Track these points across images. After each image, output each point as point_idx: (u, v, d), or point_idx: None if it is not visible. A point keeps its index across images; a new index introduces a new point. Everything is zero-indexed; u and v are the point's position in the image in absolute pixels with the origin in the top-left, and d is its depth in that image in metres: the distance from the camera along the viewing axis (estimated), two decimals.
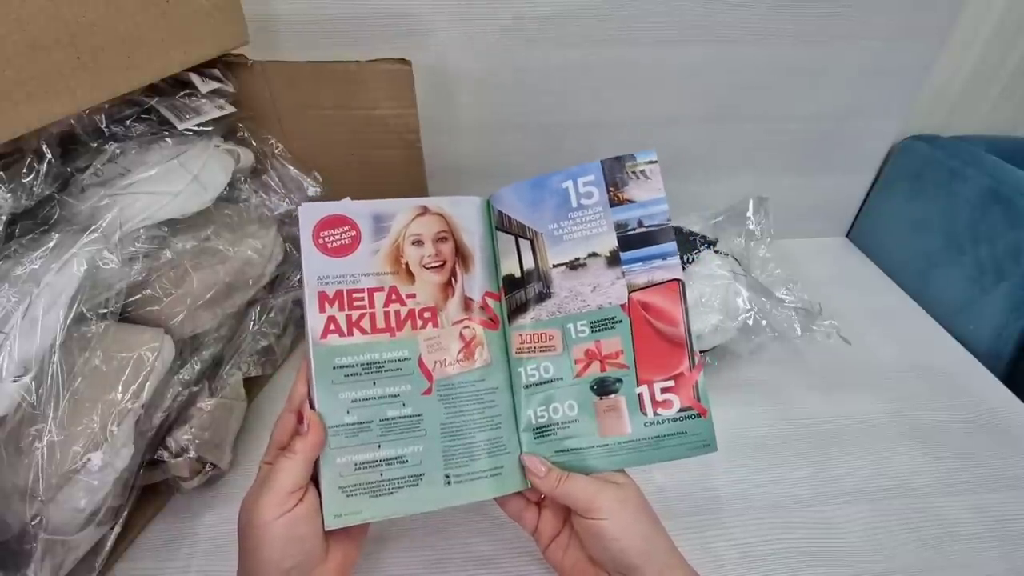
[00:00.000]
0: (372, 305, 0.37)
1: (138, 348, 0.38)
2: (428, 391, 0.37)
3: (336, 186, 0.57)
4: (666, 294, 0.37)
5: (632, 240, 0.37)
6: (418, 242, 0.39)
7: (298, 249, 0.37)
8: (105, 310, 0.38)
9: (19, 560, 0.34)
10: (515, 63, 0.64)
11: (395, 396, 0.36)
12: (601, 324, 0.37)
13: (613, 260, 0.37)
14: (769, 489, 0.49)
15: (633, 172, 0.38)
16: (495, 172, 0.72)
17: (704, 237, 0.64)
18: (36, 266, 0.34)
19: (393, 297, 0.38)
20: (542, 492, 0.36)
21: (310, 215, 0.37)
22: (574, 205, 0.38)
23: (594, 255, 0.38)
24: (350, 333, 0.36)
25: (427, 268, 0.39)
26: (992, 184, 0.66)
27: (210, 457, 0.44)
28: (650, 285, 0.37)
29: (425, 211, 0.39)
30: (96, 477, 0.35)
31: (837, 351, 0.61)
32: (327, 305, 0.36)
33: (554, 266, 0.38)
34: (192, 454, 0.43)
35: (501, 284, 0.40)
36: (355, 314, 0.37)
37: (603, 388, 0.37)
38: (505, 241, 0.40)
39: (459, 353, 0.38)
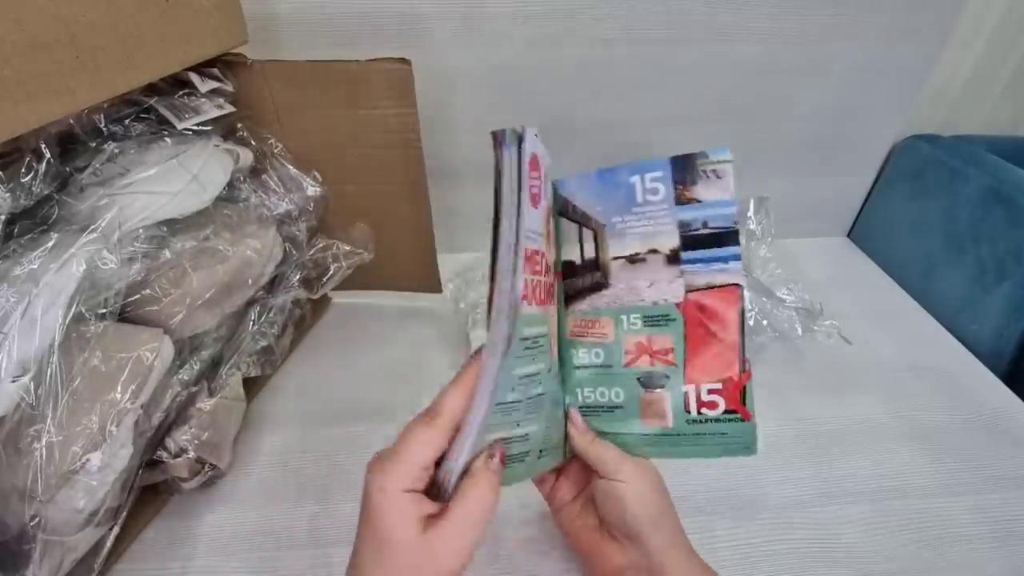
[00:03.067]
0: (540, 271, 0.32)
1: (137, 348, 0.38)
2: (549, 369, 0.35)
3: (336, 186, 0.57)
4: (724, 298, 0.36)
5: (695, 240, 0.36)
6: None
7: (296, 248, 0.36)
8: (104, 310, 0.38)
9: (18, 561, 0.34)
10: (515, 63, 0.64)
11: (536, 374, 0.33)
12: (654, 320, 0.37)
13: (673, 258, 0.36)
14: (770, 490, 0.49)
15: (703, 170, 0.36)
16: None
17: None
18: (35, 266, 0.34)
19: (546, 264, 0.33)
20: (575, 448, 0.37)
21: (530, 147, 0.30)
22: (639, 200, 0.37)
23: (654, 251, 0.37)
24: (530, 301, 0.31)
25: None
26: (993, 184, 0.66)
27: (209, 457, 0.44)
28: (709, 287, 0.36)
29: None
30: (95, 477, 0.35)
31: (838, 351, 0.60)
32: (525, 266, 0.30)
33: (614, 258, 0.38)
34: (191, 454, 0.42)
35: (561, 268, 0.39)
36: (531, 279, 0.31)
37: (649, 382, 0.37)
38: (568, 228, 0.39)
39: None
